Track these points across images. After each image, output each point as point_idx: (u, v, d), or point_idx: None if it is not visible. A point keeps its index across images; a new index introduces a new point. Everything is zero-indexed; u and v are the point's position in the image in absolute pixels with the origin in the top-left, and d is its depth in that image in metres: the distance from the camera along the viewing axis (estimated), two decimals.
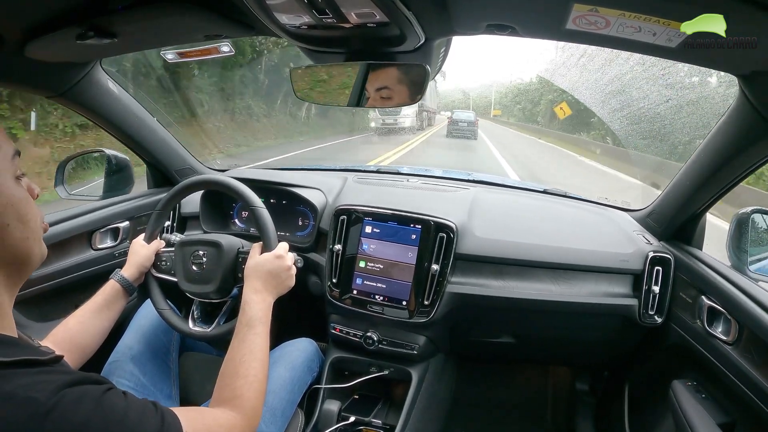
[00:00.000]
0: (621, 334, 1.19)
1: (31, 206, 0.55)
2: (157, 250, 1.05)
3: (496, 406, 1.65)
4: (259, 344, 0.79)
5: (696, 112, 2.79)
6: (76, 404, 0.45)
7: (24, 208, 0.53)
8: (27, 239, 0.53)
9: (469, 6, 0.66)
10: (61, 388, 0.45)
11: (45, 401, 0.43)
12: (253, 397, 0.73)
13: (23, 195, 0.54)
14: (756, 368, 0.80)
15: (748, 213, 0.96)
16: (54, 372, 0.48)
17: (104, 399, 0.48)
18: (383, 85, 0.82)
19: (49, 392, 0.44)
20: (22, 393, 0.43)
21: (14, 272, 0.53)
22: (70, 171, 1.30)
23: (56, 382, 0.45)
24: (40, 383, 0.45)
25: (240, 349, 0.78)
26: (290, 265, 0.93)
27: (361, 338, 1.19)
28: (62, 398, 0.44)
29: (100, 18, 0.73)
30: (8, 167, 0.53)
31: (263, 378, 0.77)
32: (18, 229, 0.52)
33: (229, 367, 0.76)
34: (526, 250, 1.15)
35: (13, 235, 0.52)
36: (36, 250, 0.55)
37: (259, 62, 11.08)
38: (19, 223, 0.52)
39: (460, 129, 14.91)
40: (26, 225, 0.53)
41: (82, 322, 0.88)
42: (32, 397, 0.43)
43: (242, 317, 0.82)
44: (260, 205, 0.98)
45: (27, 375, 0.46)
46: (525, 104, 28.27)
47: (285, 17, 0.69)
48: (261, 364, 0.77)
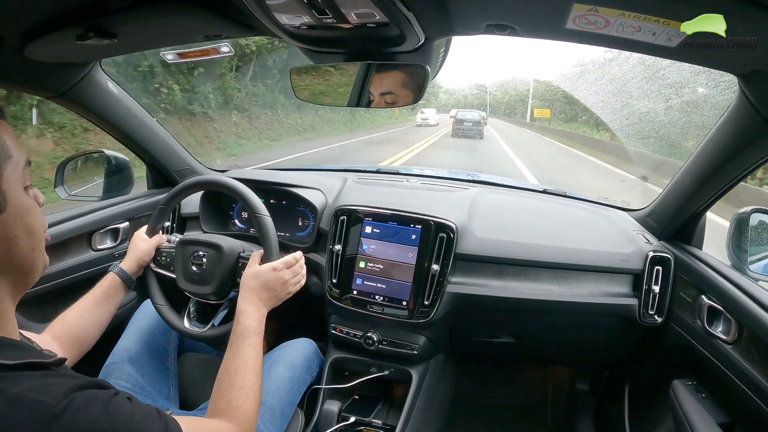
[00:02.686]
0: (621, 334, 1.19)
1: (37, 216, 0.55)
2: (157, 245, 1.05)
3: (496, 406, 1.65)
4: (253, 355, 0.80)
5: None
6: (85, 408, 0.46)
7: (31, 218, 0.54)
8: (33, 250, 0.54)
9: (469, 6, 0.66)
10: (70, 391, 0.46)
11: (54, 405, 0.44)
12: (249, 408, 0.74)
13: (31, 205, 0.54)
14: (756, 368, 0.80)
15: (747, 213, 0.96)
16: (60, 375, 0.49)
17: (111, 403, 0.49)
18: (387, 90, 0.83)
19: (58, 395, 0.44)
20: (30, 396, 0.44)
21: (19, 282, 0.54)
22: (70, 171, 1.30)
23: (64, 386, 0.46)
24: (48, 386, 0.45)
25: (235, 360, 0.79)
26: (287, 278, 0.92)
27: (361, 338, 1.19)
28: (71, 402, 0.45)
29: (100, 18, 0.73)
30: (19, 177, 0.53)
31: (258, 389, 0.78)
32: (25, 240, 0.52)
33: (225, 378, 0.77)
34: (526, 250, 1.15)
35: (20, 245, 0.52)
36: (39, 262, 0.56)
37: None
38: (26, 233, 0.53)
39: (464, 129, 14.86)
40: (33, 236, 0.54)
41: (81, 315, 0.88)
42: (41, 400, 0.43)
43: (236, 328, 0.83)
44: (265, 213, 0.98)
45: (33, 378, 0.46)
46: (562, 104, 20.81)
47: (285, 17, 0.69)
48: (255, 375, 0.78)
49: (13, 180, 0.51)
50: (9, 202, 0.50)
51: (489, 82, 57.96)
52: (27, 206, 0.53)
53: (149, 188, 1.52)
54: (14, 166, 0.52)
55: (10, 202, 0.50)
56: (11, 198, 0.50)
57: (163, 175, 1.48)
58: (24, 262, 0.53)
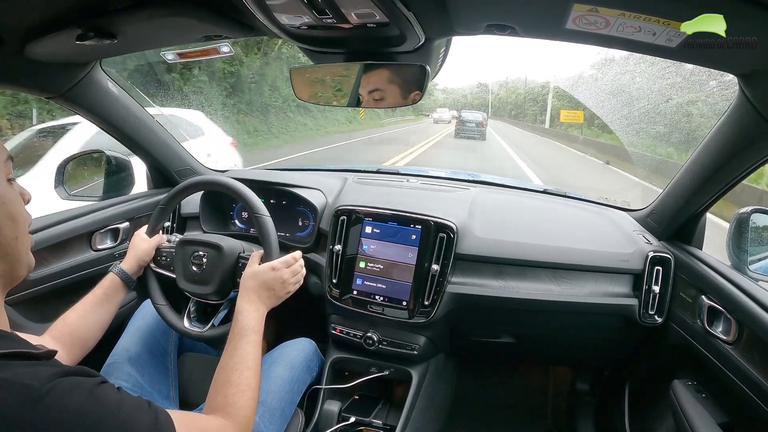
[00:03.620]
0: (621, 334, 1.19)
1: (21, 207, 0.58)
2: (158, 245, 1.05)
3: (496, 406, 1.65)
4: (251, 353, 0.80)
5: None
6: (69, 392, 0.46)
7: (15, 207, 0.56)
8: (16, 239, 0.56)
9: (469, 6, 0.66)
10: (56, 376, 0.46)
11: (39, 387, 0.44)
12: (246, 406, 0.74)
13: (14, 196, 0.57)
14: (756, 368, 0.80)
15: (748, 213, 0.96)
16: (48, 365, 0.50)
17: (97, 390, 0.49)
18: (393, 93, 0.83)
19: (44, 379, 0.45)
20: (18, 380, 0.44)
21: (6, 272, 0.55)
22: (70, 172, 1.30)
23: (51, 371, 0.47)
24: (36, 372, 0.46)
25: (232, 357, 0.79)
26: (286, 278, 0.92)
27: (361, 338, 1.19)
28: (56, 385, 0.45)
29: (100, 19, 0.73)
30: (1, 168, 0.56)
31: (255, 387, 0.78)
32: (8, 227, 0.55)
33: (222, 375, 0.76)
34: (526, 250, 1.15)
35: (4, 232, 0.54)
36: (23, 253, 0.58)
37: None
38: (10, 221, 0.55)
39: (467, 129, 15.08)
40: (16, 224, 0.56)
41: (82, 315, 0.89)
42: (27, 383, 0.44)
43: (235, 326, 0.83)
44: (265, 213, 0.98)
45: (23, 366, 0.47)
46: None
47: (285, 17, 0.69)
48: (253, 373, 0.78)
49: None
50: None
51: (492, 80, 55.51)
52: (10, 196, 0.56)
53: (149, 188, 1.52)
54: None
55: None
56: None
57: (163, 175, 1.48)
58: (7, 249, 0.55)
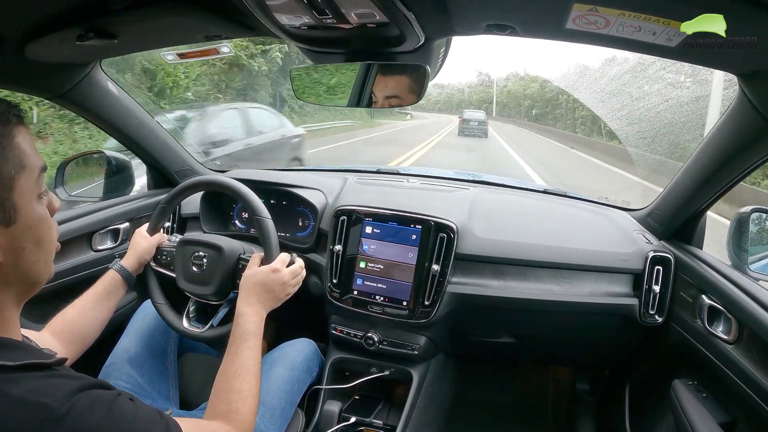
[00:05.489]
0: (621, 334, 1.19)
1: (48, 228, 0.54)
2: (158, 244, 1.05)
3: (496, 406, 1.65)
4: (252, 358, 0.80)
5: None
6: (89, 410, 0.46)
7: (42, 230, 0.53)
8: (38, 262, 0.53)
9: (469, 6, 0.66)
10: (73, 393, 0.46)
11: (58, 407, 0.44)
12: (248, 411, 0.75)
13: (43, 215, 0.53)
14: (756, 367, 0.80)
15: (748, 212, 0.96)
16: (62, 376, 0.49)
17: (115, 404, 0.49)
18: (393, 93, 0.84)
19: (61, 398, 0.45)
20: (33, 398, 0.44)
21: (23, 291, 0.54)
22: (70, 172, 1.30)
23: (67, 387, 0.46)
24: (51, 388, 0.46)
25: (234, 362, 0.79)
26: (286, 280, 0.92)
27: (361, 339, 1.19)
28: (75, 404, 0.45)
29: (100, 19, 0.73)
30: (33, 187, 0.51)
31: (256, 392, 0.78)
32: (32, 252, 0.52)
33: (224, 380, 0.77)
34: (526, 250, 1.15)
35: (27, 257, 0.52)
36: (45, 274, 0.55)
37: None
38: (35, 246, 0.52)
39: (470, 128, 15.47)
40: (41, 248, 0.53)
41: (81, 312, 0.89)
42: (45, 402, 0.44)
43: (236, 330, 0.83)
44: (266, 215, 0.98)
45: (35, 379, 0.46)
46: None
47: (285, 18, 0.69)
48: (254, 378, 0.79)
49: (26, 192, 0.50)
50: (20, 214, 0.50)
51: (497, 75, 51.08)
52: (38, 218, 0.52)
53: (149, 189, 1.52)
54: (28, 175, 0.51)
55: (21, 215, 0.50)
56: (22, 210, 0.50)
57: (164, 175, 1.48)
58: (30, 273, 0.53)
